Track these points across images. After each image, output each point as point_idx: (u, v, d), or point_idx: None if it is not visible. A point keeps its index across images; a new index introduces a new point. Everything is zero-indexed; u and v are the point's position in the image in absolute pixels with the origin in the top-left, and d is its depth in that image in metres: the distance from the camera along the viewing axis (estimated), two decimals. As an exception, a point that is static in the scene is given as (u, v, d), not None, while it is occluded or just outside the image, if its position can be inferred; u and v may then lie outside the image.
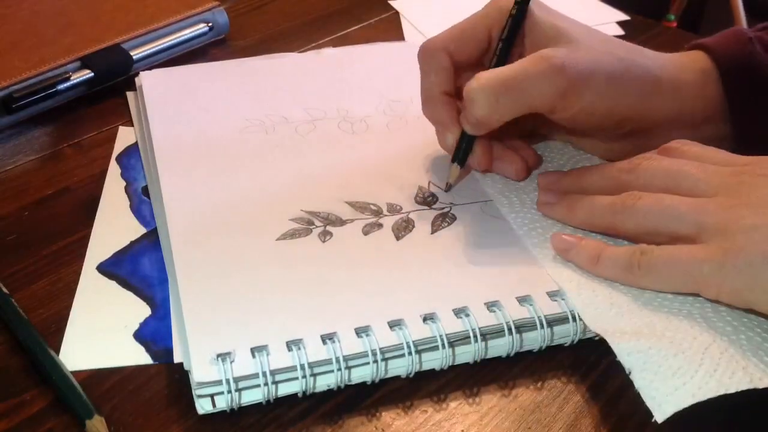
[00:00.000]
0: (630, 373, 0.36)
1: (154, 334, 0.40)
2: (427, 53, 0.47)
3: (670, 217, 0.39)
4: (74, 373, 0.37)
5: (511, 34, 0.45)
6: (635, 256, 0.39)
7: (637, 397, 0.37)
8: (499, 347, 0.38)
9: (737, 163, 0.40)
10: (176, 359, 0.37)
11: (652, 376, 0.35)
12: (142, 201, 0.49)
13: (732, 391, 0.34)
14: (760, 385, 0.34)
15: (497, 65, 0.45)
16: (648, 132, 0.47)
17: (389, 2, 0.74)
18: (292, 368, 0.35)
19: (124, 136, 0.55)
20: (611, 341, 0.37)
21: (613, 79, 0.44)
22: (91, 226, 0.47)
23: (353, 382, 0.37)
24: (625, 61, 0.45)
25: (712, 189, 0.39)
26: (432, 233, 0.44)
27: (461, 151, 0.46)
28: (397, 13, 0.72)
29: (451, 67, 0.46)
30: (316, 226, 0.44)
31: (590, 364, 0.39)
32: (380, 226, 0.44)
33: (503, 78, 0.42)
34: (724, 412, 0.36)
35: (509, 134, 0.48)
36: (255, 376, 0.35)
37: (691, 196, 0.39)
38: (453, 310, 0.38)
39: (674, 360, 0.35)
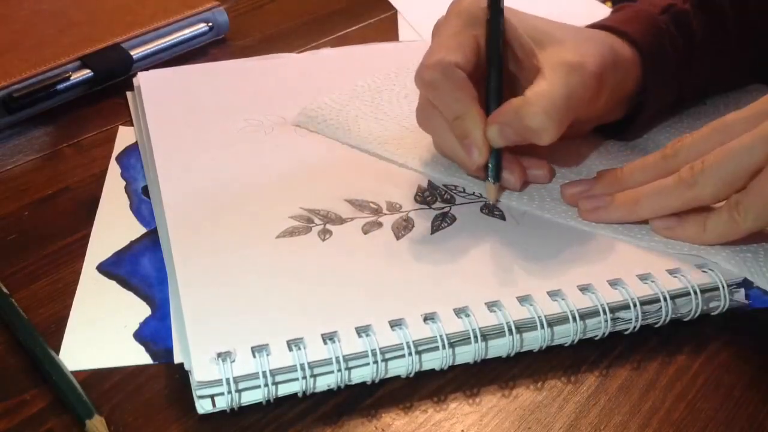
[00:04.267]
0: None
1: (154, 334, 0.40)
2: (439, 70, 0.43)
3: (742, 155, 0.39)
4: (74, 373, 0.37)
5: (497, 39, 0.44)
6: (732, 210, 0.40)
7: (638, 397, 0.37)
8: (499, 347, 0.38)
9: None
10: (176, 359, 0.37)
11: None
12: (142, 201, 0.49)
13: None
14: None
15: (494, 75, 0.44)
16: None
17: (389, 1, 0.73)
18: (293, 368, 0.35)
19: (124, 136, 0.55)
20: (712, 257, 0.41)
21: (611, 66, 0.45)
22: (91, 226, 0.47)
23: (353, 382, 0.37)
24: (606, 45, 0.46)
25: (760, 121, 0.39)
26: (432, 233, 0.44)
27: (494, 168, 0.44)
28: (397, 12, 0.72)
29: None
30: (316, 225, 0.44)
31: (590, 364, 0.39)
32: (380, 224, 0.44)
33: (557, 98, 0.41)
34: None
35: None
36: (255, 375, 0.35)
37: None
38: (453, 309, 0.38)
39: None
